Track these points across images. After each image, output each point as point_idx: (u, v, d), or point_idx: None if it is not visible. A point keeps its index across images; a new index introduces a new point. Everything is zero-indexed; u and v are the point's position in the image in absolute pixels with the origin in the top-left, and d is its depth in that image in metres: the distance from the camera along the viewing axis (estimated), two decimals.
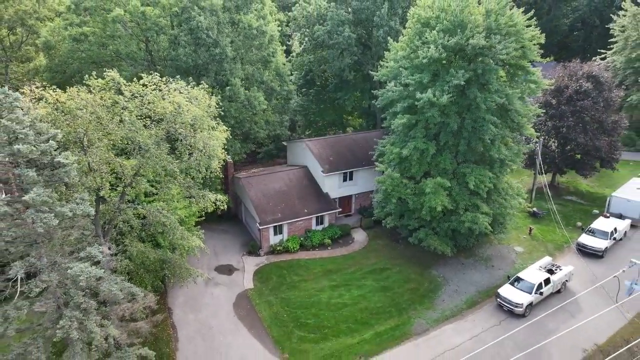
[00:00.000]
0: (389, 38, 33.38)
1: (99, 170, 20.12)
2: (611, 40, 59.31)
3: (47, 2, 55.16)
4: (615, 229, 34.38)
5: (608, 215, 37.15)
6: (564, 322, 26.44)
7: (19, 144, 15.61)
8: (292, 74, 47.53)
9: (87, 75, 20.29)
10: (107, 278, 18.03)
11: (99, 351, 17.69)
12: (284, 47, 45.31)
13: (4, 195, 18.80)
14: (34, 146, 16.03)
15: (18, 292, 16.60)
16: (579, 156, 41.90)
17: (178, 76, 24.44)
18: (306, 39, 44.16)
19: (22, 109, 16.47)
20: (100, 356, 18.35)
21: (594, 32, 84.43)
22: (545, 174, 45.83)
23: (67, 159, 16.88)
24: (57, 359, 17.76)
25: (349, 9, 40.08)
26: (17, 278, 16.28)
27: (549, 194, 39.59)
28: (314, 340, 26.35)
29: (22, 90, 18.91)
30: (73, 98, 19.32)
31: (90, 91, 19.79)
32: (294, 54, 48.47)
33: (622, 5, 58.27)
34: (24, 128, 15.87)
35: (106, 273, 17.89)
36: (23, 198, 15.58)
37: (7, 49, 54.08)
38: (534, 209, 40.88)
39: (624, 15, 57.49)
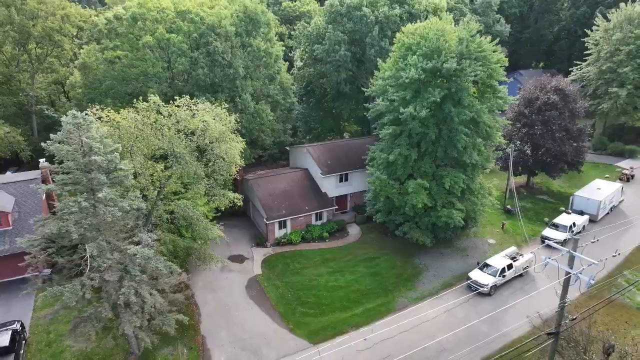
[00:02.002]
0: (378, 59, 38.70)
1: (143, 174, 25.44)
2: (586, 52, 64.72)
3: (71, 19, 60.64)
4: (574, 224, 39.81)
5: (570, 211, 42.57)
6: (520, 298, 31.79)
7: (94, 156, 20.91)
8: (294, 84, 52.83)
9: (135, 99, 25.60)
10: (154, 258, 23.33)
11: (147, 313, 23.02)
12: (286, 59, 50.60)
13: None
14: (104, 157, 21.33)
15: (89, 267, 21.94)
16: (548, 160, 47.20)
17: (198, 93, 29.75)
18: (306, 55, 49.47)
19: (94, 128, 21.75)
20: (149, 318, 23.64)
21: (577, 41, 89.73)
22: (521, 175, 51.33)
23: (125, 166, 22.21)
24: (118, 319, 22.94)
25: (345, 30, 45.38)
26: (88, 256, 21.61)
27: (515, 194, 45.05)
28: (314, 315, 31.69)
29: (86, 111, 24.18)
30: (125, 118, 24.64)
31: (137, 112, 25.11)
32: (296, 67, 53.63)
33: (594, 21, 63.68)
34: (96, 143, 21.17)
35: (154, 254, 23.21)
36: (98, 196, 20.89)
37: (34, 61, 59.51)
38: (508, 206, 46.24)
39: (597, 30, 62.91)
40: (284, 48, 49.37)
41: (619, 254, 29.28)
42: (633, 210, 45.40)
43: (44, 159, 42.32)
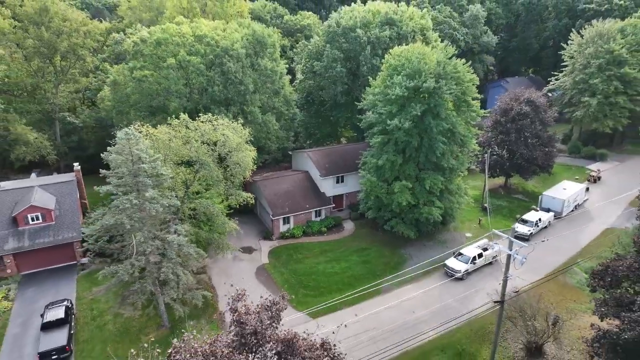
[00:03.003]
0: (369, 78, 44.59)
1: (174, 178, 31.33)
2: (562, 64, 70.66)
3: (91, 34, 66.42)
4: (539, 219, 45.76)
5: (537, 209, 48.50)
6: (488, 282, 37.71)
7: (141, 164, 26.80)
8: (295, 93, 58.63)
9: (169, 118, 31.48)
10: (186, 244, 29.23)
11: (181, 289, 28.93)
12: (288, 69, 56.21)
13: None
14: (149, 164, 27.22)
15: (136, 251, 27.82)
16: (522, 163, 53.05)
17: (213, 106, 35.53)
18: (307, 69, 55.34)
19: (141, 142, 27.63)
20: (183, 292, 29.54)
21: (561, 50, 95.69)
22: (499, 177, 57.25)
23: (165, 171, 28.11)
24: (154, 295, 28.80)
25: (341, 49, 51.25)
26: (134, 243, 27.50)
27: (488, 194, 50.85)
28: (313, 295, 37.60)
29: (131, 128, 30.05)
30: (160, 132, 30.54)
31: (171, 127, 31.01)
32: (297, 79, 59.44)
33: (569, 37, 69.62)
34: (143, 154, 27.06)
35: (186, 242, 29.12)
36: (145, 195, 26.78)
37: (58, 72, 65.32)
38: (485, 204, 52.12)
39: (572, 44, 68.83)
40: (285, 62, 55.20)
41: (547, 240, 35.76)
42: (595, 208, 51.30)
43: (77, 164, 48.37)
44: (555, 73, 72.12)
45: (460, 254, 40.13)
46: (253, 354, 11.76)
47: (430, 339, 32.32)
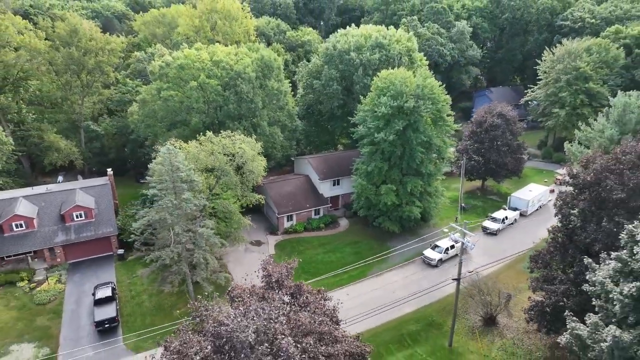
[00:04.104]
0: (361, 96, 52.38)
1: (202, 182, 39.05)
2: (538, 78, 78.45)
3: (114, 52, 74.00)
4: (506, 217, 53.55)
5: (506, 208, 56.30)
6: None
7: (180, 172, 34.53)
8: (297, 106, 66.23)
9: (198, 135, 39.22)
10: (212, 236, 36.94)
11: (209, 271, 36.70)
12: (290, 82, 63.74)
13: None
14: (184, 173, 34.93)
15: (174, 240, 35.53)
16: (494, 168, 60.75)
17: (228, 121, 43.02)
18: (307, 85, 63.08)
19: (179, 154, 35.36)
20: (210, 274, 37.28)
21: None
22: (476, 180, 64.99)
23: (197, 178, 35.84)
24: (192, 270, 36.43)
25: (337, 69, 58.99)
26: (173, 234, 35.21)
27: (462, 194, 58.65)
28: (313, 279, 45.26)
29: (169, 143, 37.66)
30: (190, 146, 38.27)
31: (200, 142, 38.75)
32: (299, 94, 67.10)
33: (543, 53, 77.44)
34: (181, 164, 34.77)
35: (213, 233, 36.86)
36: (182, 196, 34.49)
37: (84, 86, 72.95)
38: (463, 204, 59.91)
39: (545, 60, 76.61)
40: (287, 75, 62.72)
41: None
42: None
43: (110, 169, 55.97)
44: (531, 86, 79.91)
45: (436, 245, 47.91)
46: (278, 291, 19.32)
47: (407, 313, 40.18)
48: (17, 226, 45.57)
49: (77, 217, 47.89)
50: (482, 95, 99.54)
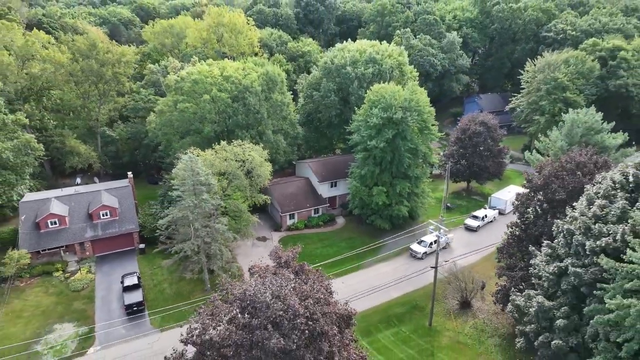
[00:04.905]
0: (355, 108, 58.56)
1: (216, 185, 45.18)
2: (521, 87, 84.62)
3: (130, 63, 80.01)
4: (485, 215, 59.72)
5: (486, 207, 62.47)
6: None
7: (199, 177, 40.64)
8: (298, 113, 72.33)
9: (214, 144, 45.35)
10: (226, 231, 43.07)
11: (224, 261, 42.84)
12: (291, 90, 69.78)
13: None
14: (203, 177, 41.05)
15: (194, 235, 41.65)
16: (477, 171, 66.90)
17: (237, 129, 49.16)
18: (307, 96, 69.25)
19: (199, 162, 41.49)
20: (224, 263, 43.38)
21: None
22: (462, 182, 71.15)
23: (213, 182, 41.98)
24: (208, 260, 42.52)
25: (334, 82, 65.17)
26: (193, 229, 41.33)
27: (447, 195, 64.79)
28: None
29: (189, 152, 43.74)
30: (206, 154, 44.42)
31: (215, 151, 44.89)
32: (299, 103, 73.26)
33: (525, 65, 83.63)
34: (200, 170, 40.89)
35: (227, 229, 42.99)
36: (201, 197, 40.59)
37: (101, 95, 78.97)
38: (448, 204, 66.06)
39: (527, 71, 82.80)
40: (288, 84, 68.70)
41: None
42: None
43: (130, 173, 62.02)
44: (515, 94, 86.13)
45: (422, 240, 54.06)
46: (286, 269, 25.38)
47: (394, 297, 46.37)
48: (51, 223, 51.67)
49: (103, 215, 53.98)
50: (472, 101, 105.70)
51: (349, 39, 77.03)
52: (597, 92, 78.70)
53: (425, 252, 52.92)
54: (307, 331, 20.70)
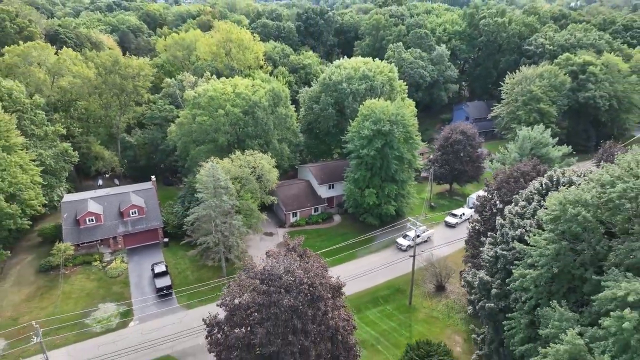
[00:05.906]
0: (350, 120, 67.43)
1: (232, 188, 54.04)
2: (501, 98, 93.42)
3: (147, 76, 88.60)
4: (463, 213, 68.58)
5: (465, 206, 71.35)
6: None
7: (219, 182, 49.43)
8: (299, 123, 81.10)
9: (227, 152, 54.16)
10: (242, 226, 51.86)
11: (239, 251, 51.72)
12: (292, 100, 78.37)
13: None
14: (223, 182, 49.83)
15: (215, 230, 50.48)
16: (458, 174, 75.67)
17: (247, 139, 57.97)
18: (308, 107, 78.05)
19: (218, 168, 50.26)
20: (239, 253, 52.24)
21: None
22: (445, 184, 79.99)
23: (232, 186, 50.79)
24: (227, 251, 51.39)
25: (332, 96, 73.99)
26: (214, 225, 50.15)
27: (431, 195, 73.56)
28: None
29: (211, 160, 52.42)
30: (224, 162, 53.27)
31: (231, 160, 53.71)
32: (301, 113, 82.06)
33: (504, 77, 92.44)
34: (220, 176, 49.65)
35: (243, 225, 51.81)
36: (222, 198, 49.40)
37: (122, 105, 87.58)
38: (432, 203, 74.86)
39: (507, 83, 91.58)
40: (292, 105, 77.53)
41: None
42: None
43: (153, 176, 70.78)
44: (496, 104, 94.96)
45: (406, 235, 62.93)
46: (293, 253, 34.16)
47: (381, 282, 55.26)
48: (89, 220, 60.49)
49: (132, 213, 62.76)
50: (460, 109, 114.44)
51: (345, 56, 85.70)
52: (568, 103, 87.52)
53: (409, 245, 61.76)
54: (309, 295, 29.44)
